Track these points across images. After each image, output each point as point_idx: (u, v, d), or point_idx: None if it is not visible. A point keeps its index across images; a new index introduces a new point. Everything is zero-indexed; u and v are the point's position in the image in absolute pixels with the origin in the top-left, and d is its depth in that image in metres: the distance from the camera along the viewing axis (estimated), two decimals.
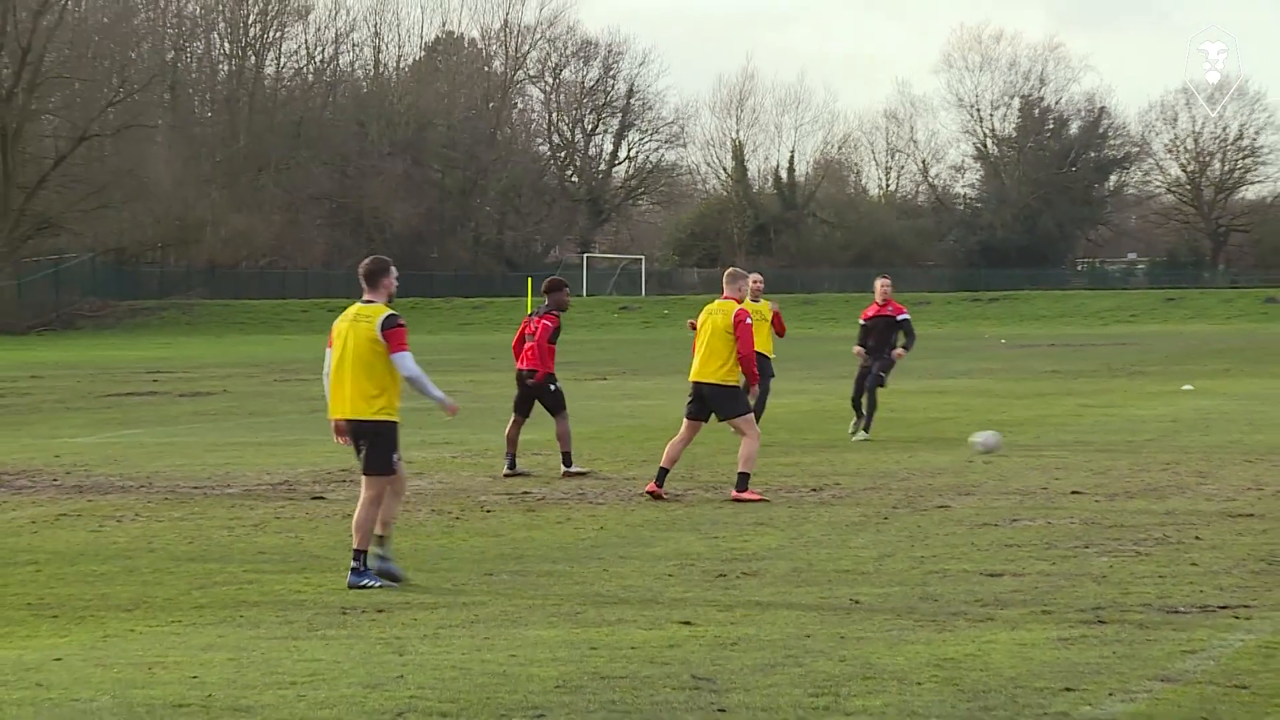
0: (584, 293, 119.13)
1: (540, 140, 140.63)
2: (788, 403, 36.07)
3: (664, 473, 21.39)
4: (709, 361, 21.52)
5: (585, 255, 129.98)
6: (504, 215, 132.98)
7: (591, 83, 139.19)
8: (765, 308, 28.96)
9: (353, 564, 15.60)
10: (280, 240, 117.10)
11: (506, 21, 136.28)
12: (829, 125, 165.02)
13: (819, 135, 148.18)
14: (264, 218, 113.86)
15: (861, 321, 29.81)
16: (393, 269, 16.36)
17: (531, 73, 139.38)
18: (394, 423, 15.91)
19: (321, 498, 21.91)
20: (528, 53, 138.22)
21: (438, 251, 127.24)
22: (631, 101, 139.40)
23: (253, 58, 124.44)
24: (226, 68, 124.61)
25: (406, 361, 15.77)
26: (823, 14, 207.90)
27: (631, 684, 11.43)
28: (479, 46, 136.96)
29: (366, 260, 16.61)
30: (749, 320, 21.75)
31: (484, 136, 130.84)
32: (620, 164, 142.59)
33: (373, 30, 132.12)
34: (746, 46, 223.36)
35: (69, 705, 10.92)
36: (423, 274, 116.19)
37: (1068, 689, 11.14)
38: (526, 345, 24.35)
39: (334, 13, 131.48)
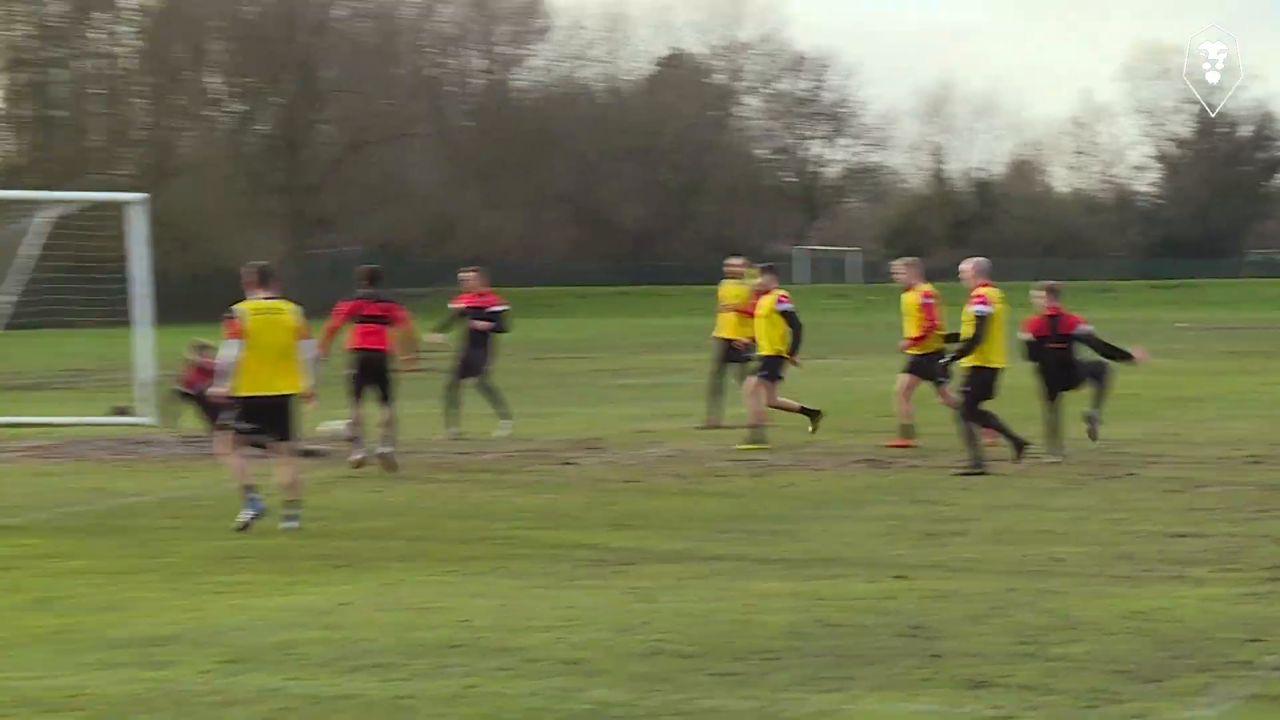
0: (806, 280, 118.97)
1: (758, 145, 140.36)
2: None
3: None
4: None
5: (798, 247, 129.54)
6: (725, 211, 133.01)
7: (803, 93, 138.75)
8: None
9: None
10: (527, 235, 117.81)
11: (728, 40, 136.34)
12: (1019, 130, 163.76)
13: (1011, 139, 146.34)
14: (512, 215, 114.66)
15: None
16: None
17: (749, 85, 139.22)
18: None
19: (571, 463, 21.99)
20: (746, 67, 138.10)
21: (666, 245, 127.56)
22: (839, 110, 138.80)
23: (502, 72, 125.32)
24: (480, 82, 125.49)
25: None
26: (1008, 29, 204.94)
27: (854, 631, 11.42)
28: (702, 62, 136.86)
29: (260, 264, 17.17)
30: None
31: (706, 142, 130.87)
32: (830, 165, 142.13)
33: (608, 49, 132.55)
34: (942, 60, 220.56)
35: (356, 644, 11.10)
36: (654, 264, 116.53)
37: (1254, 639, 10.98)
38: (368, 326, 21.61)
39: (573, 34, 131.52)
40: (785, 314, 23.68)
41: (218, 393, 16.59)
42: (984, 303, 20.45)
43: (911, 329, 23.27)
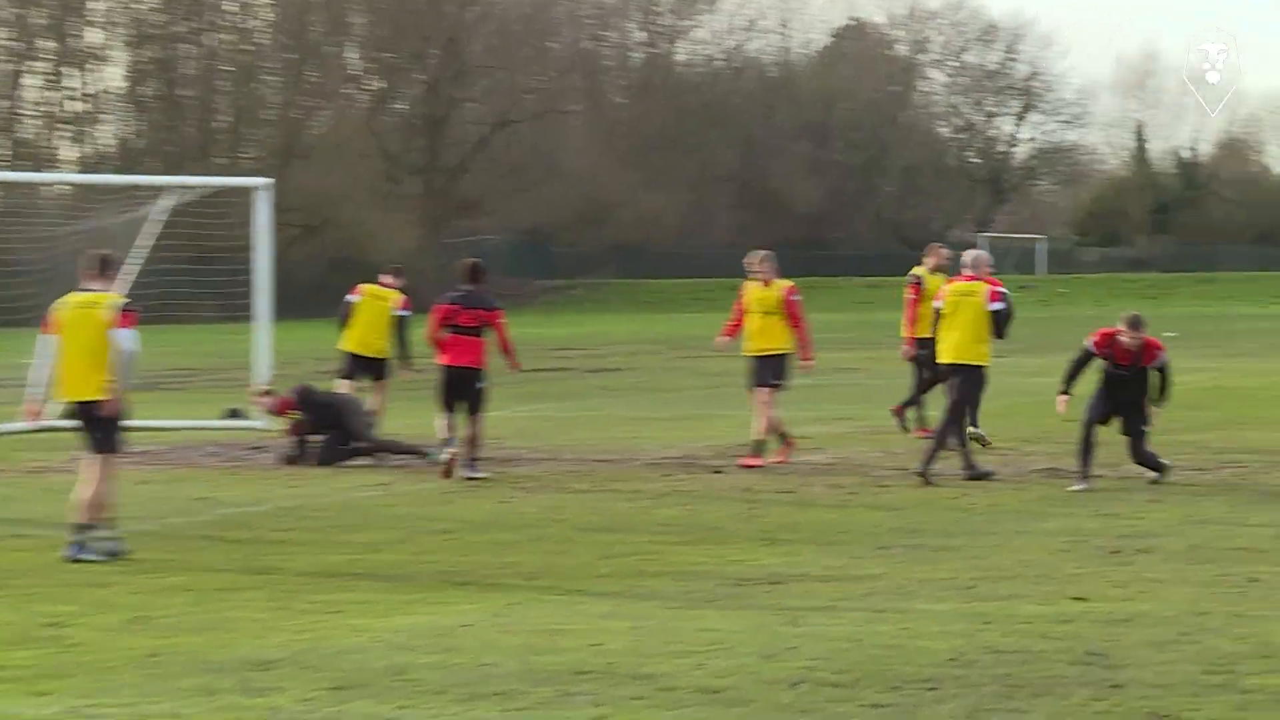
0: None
1: (942, 122, 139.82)
2: (1187, 380, 35.19)
3: None
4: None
5: (981, 234, 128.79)
6: (904, 195, 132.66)
7: (993, 66, 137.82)
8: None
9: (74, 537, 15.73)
10: (687, 220, 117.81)
11: (912, 8, 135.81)
12: (1233, 105, 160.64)
13: (1222, 115, 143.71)
14: (673, 198, 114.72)
15: None
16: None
17: (934, 57, 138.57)
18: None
19: (720, 471, 21.87)
20: (931, 37, 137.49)
21: (840, 230, 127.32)
22: (1032, 84, 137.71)
23: (665, 45, 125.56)
24: (640, 55, 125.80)
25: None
26: None
27: (1024, 658, 11.25)
28: (884, 32, 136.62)
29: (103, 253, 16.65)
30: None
31: (887, 118, 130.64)
32: (1020, 145, 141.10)
33: (780, 19, 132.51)
34: (1148, 26, 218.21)
35: (476, 669, 11.07)
36: (824, 253, 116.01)
37: None
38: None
39: (742, 3, 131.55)
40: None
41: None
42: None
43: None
